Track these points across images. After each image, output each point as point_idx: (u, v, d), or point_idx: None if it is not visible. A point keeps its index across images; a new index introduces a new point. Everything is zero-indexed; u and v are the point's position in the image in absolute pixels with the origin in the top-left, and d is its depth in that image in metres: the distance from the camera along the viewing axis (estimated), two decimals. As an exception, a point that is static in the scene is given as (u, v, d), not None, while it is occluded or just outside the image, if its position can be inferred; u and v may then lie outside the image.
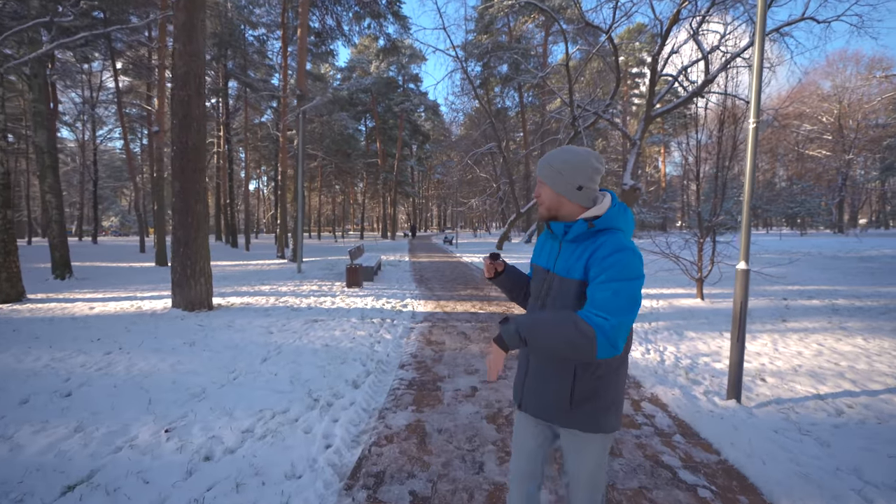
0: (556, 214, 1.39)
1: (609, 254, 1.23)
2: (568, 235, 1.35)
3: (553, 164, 1.37)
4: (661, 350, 4.78)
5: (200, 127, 6.15)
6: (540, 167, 1.41)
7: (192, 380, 3.57)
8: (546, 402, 1.37)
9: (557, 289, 1.35)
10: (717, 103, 15.80)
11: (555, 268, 1.38)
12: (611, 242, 1.26)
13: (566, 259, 1.35)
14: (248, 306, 6.94)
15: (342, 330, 5.36)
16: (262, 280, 10.33)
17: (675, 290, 8.63)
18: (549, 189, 1.38)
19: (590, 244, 1.30)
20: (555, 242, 1.43)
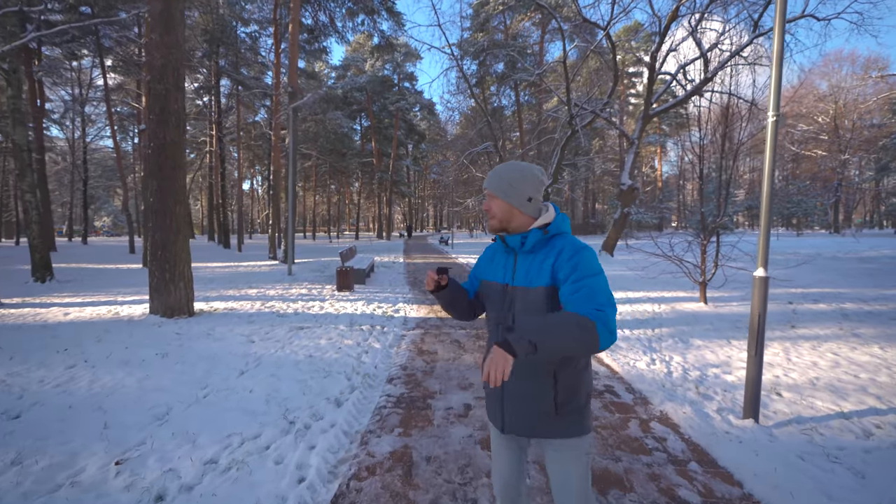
0: (507, 226, 1.42)
1: (574, 253, 1.29)
2: (525, 246, 1.37)
3: (503, 176, 1.40)
4: (667, 360, 4.49)
5: (179, 122, 5.81)
6: (490, 180, 1.42)
7: (158, 398, 3.24)
8: (531, 416, 1.37)
9: (523, 299, 1.35)
10: (717, 102, 15.56)
11: (514, 281, 1.39)
12: (570, 244, 1.33)
13: (527, 270, 1.36)
14: (232, 312, 6.60)
15: (328, 338, 5.04)
16: (251, 283, 9.99)
17: (676, 294, 8.36)
18: (500, 201, 1.40)
19: (549, 251, 1.35)
20: (508, 256, 1.43)
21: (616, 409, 3.32)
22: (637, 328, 5.92)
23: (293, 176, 11.42)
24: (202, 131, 35.10)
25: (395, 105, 34.54)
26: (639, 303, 7.64)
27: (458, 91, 23.43)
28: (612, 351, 4.80)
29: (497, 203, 1.41)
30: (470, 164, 27.85)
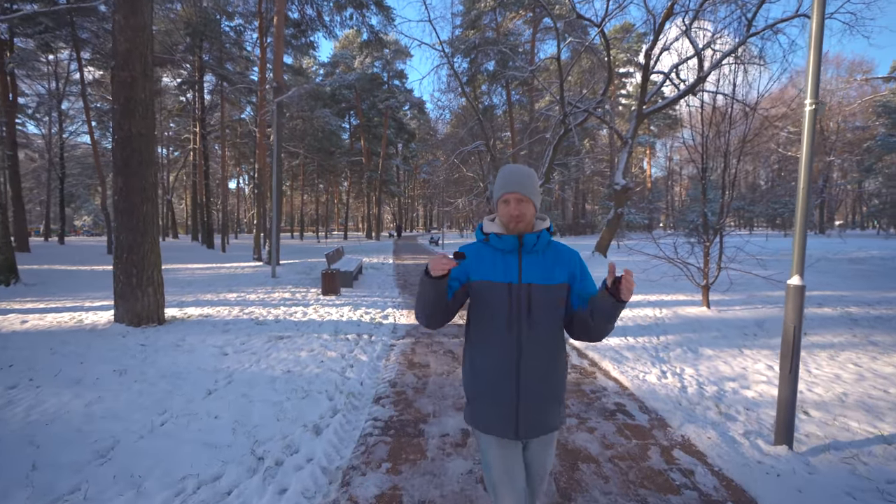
0: (528, 228, 1.44)
1: (573, 255, 1.47)
2: (537, 246, 1.42)
3: (531, 178, 1.43)
4: (678, 373, 4.15)
5: (147, 113, 5.31)
6: (521, 184, 1.41)
7: (106, 427, 2.78)
8: (546, 413, 1.41)
9: (543, 295, 1.38)
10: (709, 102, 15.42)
11: (522, 279, 1.38)
12: (565, 247, 1.47)
13: (539, 268, 1.39)
14: (207, 319, 6.12)
15: (310, 350, 4.60)
16: (232, 286, 9.47)
17: (676, 297, 8.08)
18: (531, 204, 1.42)
19: (551, 251, 1.44)
20: (508, 256, 1.42)
21: (632, 433, 2.96)
22: (641, 335, 5.59)
23: (277, 173, 10.92)
24: (186, 128, 34.23)
25: (385, 103, 34.01)
26: (639, 307, 7.32)
27: (448, 89, 22.99)
28: (619, 362, 4.44)
29: (529, 207, 1.42)
30: (461, 163, 27.49)
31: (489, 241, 1.45)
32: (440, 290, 1.33)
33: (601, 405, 3.42)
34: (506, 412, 1.36)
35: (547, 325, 1.39)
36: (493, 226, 1.48)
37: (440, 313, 1.40)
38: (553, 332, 1.41)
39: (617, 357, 4.64)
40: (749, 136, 6.79)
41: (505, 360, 1.36)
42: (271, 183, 11.09)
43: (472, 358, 1.45)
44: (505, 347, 1.36)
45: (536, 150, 28.89)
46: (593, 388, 3.81)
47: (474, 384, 1.44)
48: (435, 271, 1.28)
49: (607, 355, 4.69)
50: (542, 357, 1.38)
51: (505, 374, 1.36)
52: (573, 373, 4.20)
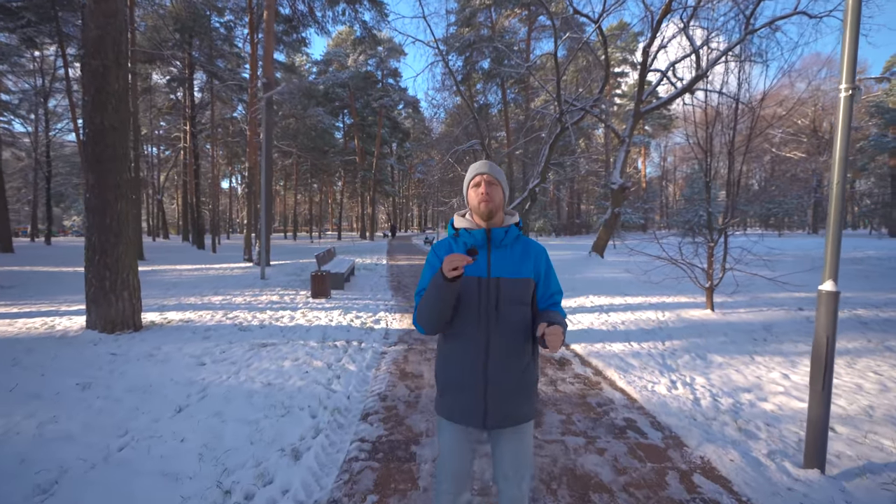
0: (494, 217, 1.47)
1: (541, 252, 1.52)
2: (505, 240, 1.46)
3: (500, 169, 1.50)
4: (689, 383, 3.88)
5: (121, 105, 4.96)
6: (490, 167, 1.47)
7: (57, 453, 2.46)
8: (516, 404, 1.43)
9: (511, 288, 1.41)
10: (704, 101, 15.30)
11: (491, 273, 1.41)
12: (533, 243, 1.52)
13: (507, 261, 1.44)
14: (188, 324, 5.77)
15: (294, 359, 4.28)
16: (218, 288, 9.11)
17: (678, 299, 7.83)
18: (500, 189, 1.47)
19: (519, 246, 1.49)
20: (481, 250, 1.44)
21: (646, 454, 2.67)
22: (645, 340, 5.33)
23: (266, 171, 10.56)
24: (176, 126, 33.65)
25: (379, 102, 33.62)
26: (640, 309, 7.07)
27: (443, 87, 22.70)
28: (625, 371, 4.17)
29: (498, 191, 1.45)
30: (455, 162, 27.22)
31: (459, 237, 1.48)
32: (455, 292, 1.34)
33: (610, 421, 3.14)
34: (474, 402, 1.40)
35: (515, 319, 1.42)
36: (463, 221, 1.51)
37: (446, 318, 1.40)
38: (521, 325, 1.43)
39: (622, 365, 4.37)
40: (755, 133, 6.54)
41: (474, 353, 1.40)
42: (259, 180, 10.74)
43: (444, 350, 1.49)
44: (474, 340, 1.40)
45: (532, 150, 28.67)
46: (600, 400, 3.53)
47: (445, 375, 1.48)
48: (453, 273, 1.26)
49: (612, 363, 4.42)
50: (511, 350, 1.41)
51: (474, 365, 1.40)
52: (577, 383, 3.92)
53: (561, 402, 3.48)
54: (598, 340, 5.33)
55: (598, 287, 9.35)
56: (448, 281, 1.29)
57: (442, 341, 1.51)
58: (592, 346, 5.09)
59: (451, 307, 1.37)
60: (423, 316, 1.41)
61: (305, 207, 50.21)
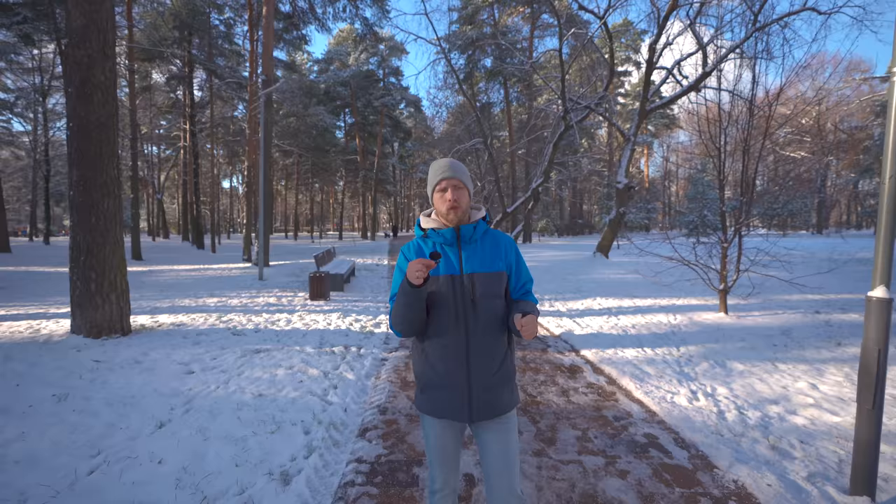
0: (464, 218, 1.48)
1: (511, 243, 1.54)
2: (475, 236, 1.47)
3: (464, 168, 1.50)
4: (710, 393, 3.62)
5: (107, 98, 4.72)
6: (455, 170, 1.46)
7: (17, 478, 2.21)
8: (498, 395, 1.45)
9: (485, 282, 1.42)
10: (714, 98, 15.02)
11: (464, 269, 1.43)
12: (502, 235, 1.54)
13: (480, 257, 1.45)
14: (179, 328, 5.53)
15: (289, 367, 4.03)
16: (215, 289, 8.87)
17: (688, 301, 7.57)
18: (467, 192, 1.47)
19: (489, 240, 1.50)
20: (451, 248, 1.46)
21: (673, 477, 2.41)
22: (658, 346, 5.07)
23: (265, 169, 10.33)
24: (177, 125, 33.43)
25: (381, 101, 33.37)
26: (650, 312, 6.81)
27: (445, 86, 22.48)
28: (641, 380, 3.91)
29: (464, 193, 1.46)
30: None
31: (428, 237, 1.49)
32: (422, 297, 1.36)
33: (629, 437, 2.88)
34: (459, 398, 1.41)
35: (491, 312, 1.43)
36: (430, 221, 1.50)
37: (419, 321, 1.42)
38: (497, 318, 1.45)
39: (637, 373, 4.11)
40: (770, 130, 6.27)
41: (454, 348, 1.40)
42: (257, 178, 10.50)
43: (424, 349, 1.47)
44: (454, 336, 1.40)
45: (534, 149, 28.41)
46: (617, 413, 3.27)
47: (427, 374, 1.47)
48: (417, 280, 1.28)
49: (626, 371, 4.16)
50: (490, 343, 1.43)
51: (455, 361, 1.41)
52: (591, 393, 3.66)
53: (575, 415, 3.23)
54: (608, 346, 5.07)
55: (606, 289, 9.09)
56: (415, 287, 1.32)
57: (419, 339, 1.51)
58: (604, 351, 4.83)
59: (423, 310, 1.40)
60: (398, 321, 1.42)
61: (307, 207, 49.98)
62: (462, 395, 1.41)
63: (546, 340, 5.41)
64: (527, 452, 2.65)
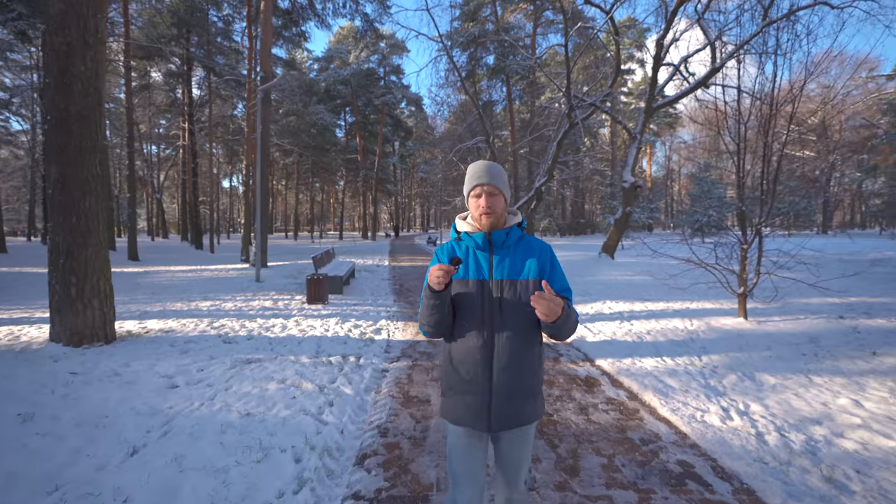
0: (499, 223, 1.45)
1: (546, 250, 1.48)
2: (507, 242, 1.44)
3: (500, 172, 1.46)
4: (744, 411, 3.29)
5: (89, 89, 4.40)
6: (491, 175, 1.43)
7: (-43, 522, 1.89)
8: (521, 405, 1.41)
9: (513, 290, 1.40)
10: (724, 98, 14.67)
11: (494, 275, 1.41)
12: (537, 241, 1.50)
13: (511, 263, 1.42)
14: (168, 334, 5.21)
15: (281, 381, 3.71)
16: (209, 292, 8.55)
17: (703, 305, 7.24)
18: (502, 197, 1.45)
19: (522, 246, 1.47)
20: (483, 253, 1.45)
21: (719, 519, 2.08)
22: (678, 354, 4.74)
23: (262, 166, 10.01)
24: (176, 124, 33.12)
25: (381, 99, 33.04)
26: (665, 317, 6.48)
27: (446, 83, 22.14)
28: (665, 395, 3.58)
29: (499, 200, 1.44)
30: (459, 160, 26.66)
31: (461, 239, 1.48)
32: (445, 300, 1.37)
33: (661, 466, 2.55)
34: (479, 406, 1.39)
35: (519, 321, 1.40)
36: (465, 224, 1.50)
37: (445, 323, 1.42)
38: (525, 327, 1.41)
39: (660, 386, 3.78)
40: (792, 126, 5.94)
41: (478, 356, 1.39)
42: (254, 177, 10.18)
43: (450, 353, 1.46)
44: (478, 343, 1.39)
45: (536, 148, 28.06)
46: (643, 435, 2.94)
47: (450, 378, 1.46)
48: (439, 286, 1.31)
49: (647, 384, 3.83)
50: (515, 352, 1.39)
51: (478, 368, 1.39)
52: (612, 411, 3.33)
53: (597, 437, 2.90)
54: (625, 354, 4.74)
55: (615, 291, 8.75)
56: (436, 292, 1.33)
57: (446, 340, 1.50)
58: (620, 361, 4.50)
59: (448, 313, 1.40)
60: (423, 321, 1.43)
61: (307, 207, 49.67)
62: (483, 402, 1.39)
63: (558, 348, 5.08)
64: (548, 486, 2.33)
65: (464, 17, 25.12)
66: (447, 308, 1.38)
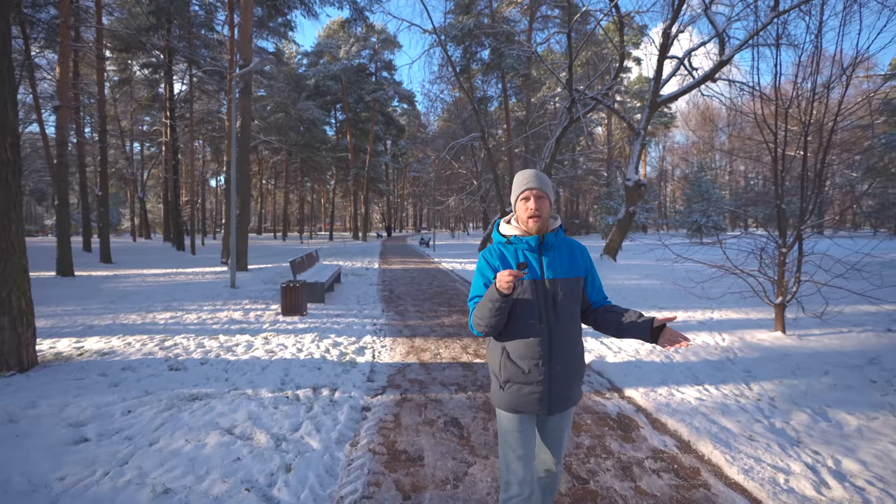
0: (546, 226, 1.58)
1: (584, 250, 1.68)
2: (555, 243, 1.59)
3: (544, 178, 1.59)
4: (839, 472, 2.48)
5: None
6: (539, 181, 1.56)
7: None
8: (573, 389, 1.59)
9: (565, 287, 1.54)
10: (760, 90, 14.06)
11: (545, 274, 1.54)
12: (576, 243, 1.67)
13: (559, 263, 1.57)
14: (104, 358, 4.29)
15: (228, 429, 2.83)
16: (174, 300, 7.62)
17: (727, 315, 6.49)
18: (548, 201, 1.57)
19: (565, 247, 1.62)
20: (532, 254, 1.57)
21: None
22: (720, 380, 3.93)
23: (241, 161, 9.08)
24: (157, 119, 31.85)
25: (372, 95, 32.06)
26: (690, 330, 5.69)
27: (440, 77, 21.31)
28: (728, 445, 2.76)
29: (546, 203, 1.56)
30: (453, 159, 25.82)
31: (511, 242, 1.60)
32: (510, 303, 1.47)
33: (765, 581, 1.73)
34: (541, 393, 1.53)
35: (571, 315, 1.57)
36: (510, 228, 1.63)
37: (503, 324, 1.51)
38: (575, 320, 1.60)
39: (715, 430, 2.96)
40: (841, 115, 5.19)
41: (538, 348, 1.51)
42: (233, 173, 9.25)
43: (505, 348, 1.57)
44: (537, 336, 1.51)
45: (532, 147, 27.31)
46: (719, 518, 2.11)
47: (509, 372, 1.55)
48: (507, 289, 1.40)
49: (699, 427, 3.01)
50: (569, 343, 1.55)
51: (539, 360, 1.52)
52: (664, 472, 2.50)
53: (657, 523, 2.07)
54: (657, 381, 3.93)
55: (625, 297, 7.97)
56: (503, 296, 1.43)
57: (497, 338, 1.59)
58: (655, 391, 3.69)
59: (506, 314, 1.49)
60: (482, 324, 1.51)
61: (297, 207, 48.47)
62: (544, 390, 1.53)
63: (575, 372, 4.26)
64: None
65: (458, 9, 24.30)
66: (506, 311, 1.48)
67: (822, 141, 4.97)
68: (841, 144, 29.78)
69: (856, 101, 6.11)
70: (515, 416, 1.55)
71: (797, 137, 5.61)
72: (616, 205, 31.28)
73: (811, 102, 5.14)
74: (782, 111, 5.31)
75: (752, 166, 49.82)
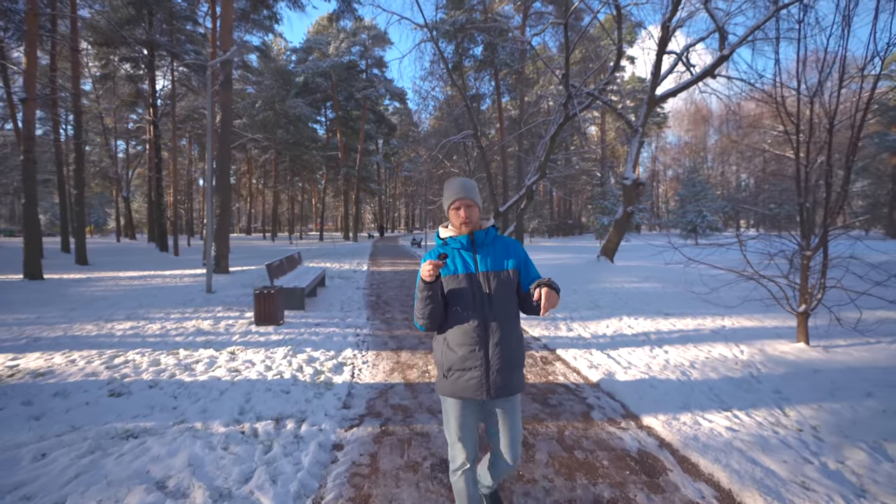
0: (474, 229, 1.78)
1: (518, 245, 1.83)
2: (486, 240, 1.78)
3: (472, 186, 1.78)
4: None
5: None
6: (467, 191, 1.75)
7: None
8: (513, 375, 1.72)
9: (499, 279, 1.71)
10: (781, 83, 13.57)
11: (479, 268, 1.73)
12: (510, 239, 1.84)
13: (493, 257, 1.75)
14: (38, 380, 3.68)
15: (158, 483, 2.24)
16: (141, 307, 6.98)
17: (740, 322, 6.00)
18: (476, 208, 1.78)
19: (499, 244, 1.81)
20: (467, 252, 1.76)
21: None
22: (749, 404, 3.43)
23: (209, 154, 8.45)
24: (143, 117, 30.90)
25: (363, 93, 31.39)
26: (703, 341, 5.19)
27: (431, 74, 20.73)
28: (781, 499, 2.24)
29: (475, 210, 1.76)
30: (445, 157, 25.25)
31: (448, 244, 1.79)
32: (436, 291, 1.67)
33: None
34: (479, 378, 1.66)
35: (505, 304, 1.71)
36: (447, 231, 1.83)
37: (437, 313, 1.69)
38: (510, 309, 1.73)
39: (760, 475, 2.44)
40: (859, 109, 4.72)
41: (475, 335, 1.67)
42: (209, 169, 8.62)
43: (446, 338, 1.74)
44: (474, 325, 1.67)
45: (525, 145, 26.85)
46: None
47: (449, 361, 1.71)
48: (430, 277, 1.62)
49: (739, 470, 2.48)
50: (504, 330, 1.69)
51: (476, 346, 1.67)
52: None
53: None
54: (678, 405, 3.41)
55: (628, 303, 7.47)
56: (427, 284, 1.64)
57: (439, 332, 1.77)
58: (677, 419, 3.17)
59: (440, 304, 1.68)
60: (418, 315, 1.70)
61: (287, 207, 47.58)
62: (481, 375, 1.66)
63: (583, 393, 3.73)
64: None
65: (450, 3, 23.75)
66: (439, 299, 1.67)
67: (853, 133, 4.46)
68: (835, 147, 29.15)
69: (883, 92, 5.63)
70: (458, 403, 1.71)
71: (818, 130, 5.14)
72: (610, 205, 30.91)
73: (839, 89, 4.66)
74: (806, 100, 4.82)
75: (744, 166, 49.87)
